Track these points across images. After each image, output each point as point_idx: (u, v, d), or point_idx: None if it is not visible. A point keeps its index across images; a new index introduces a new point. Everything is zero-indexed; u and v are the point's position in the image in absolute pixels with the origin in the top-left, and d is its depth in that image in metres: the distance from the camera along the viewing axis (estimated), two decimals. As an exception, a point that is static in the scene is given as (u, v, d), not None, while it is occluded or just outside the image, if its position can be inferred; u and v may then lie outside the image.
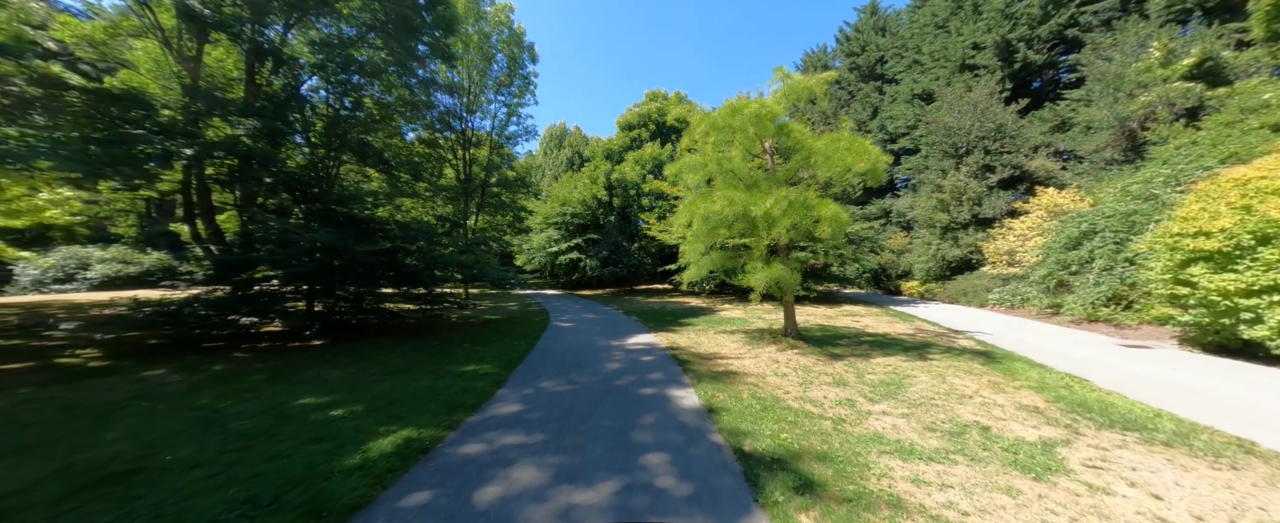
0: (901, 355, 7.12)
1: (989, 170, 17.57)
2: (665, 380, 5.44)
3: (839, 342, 8.35)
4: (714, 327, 10.33)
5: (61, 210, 17.48)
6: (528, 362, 6.68)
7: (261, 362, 6.98)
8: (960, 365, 6.38)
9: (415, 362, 6.87)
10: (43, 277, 22.27)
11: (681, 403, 4.57)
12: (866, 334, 9.25)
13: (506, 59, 22.74)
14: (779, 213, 6.60)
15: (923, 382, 5.51)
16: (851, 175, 6.72)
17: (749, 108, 6.94)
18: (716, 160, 7.97)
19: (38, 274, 21.95)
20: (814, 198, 6.71)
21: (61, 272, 22.71)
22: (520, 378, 5.68)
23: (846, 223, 6.68)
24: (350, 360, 7.05)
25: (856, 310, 13.75)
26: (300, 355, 7.47)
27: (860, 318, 11.92)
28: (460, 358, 7.03)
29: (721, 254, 8.59)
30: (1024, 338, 8.73)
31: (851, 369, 6.19)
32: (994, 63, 20.67)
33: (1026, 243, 14.53)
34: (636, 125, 26.10)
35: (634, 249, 23.20)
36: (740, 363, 6.50)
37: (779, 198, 6.63)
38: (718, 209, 7.05)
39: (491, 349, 7.81)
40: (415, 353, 7.58)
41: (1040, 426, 4.02)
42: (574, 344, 8.14)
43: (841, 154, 6.51)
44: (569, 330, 9.96)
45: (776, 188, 6.93)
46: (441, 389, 5.21)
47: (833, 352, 7.39)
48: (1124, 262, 9.80)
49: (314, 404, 4.75)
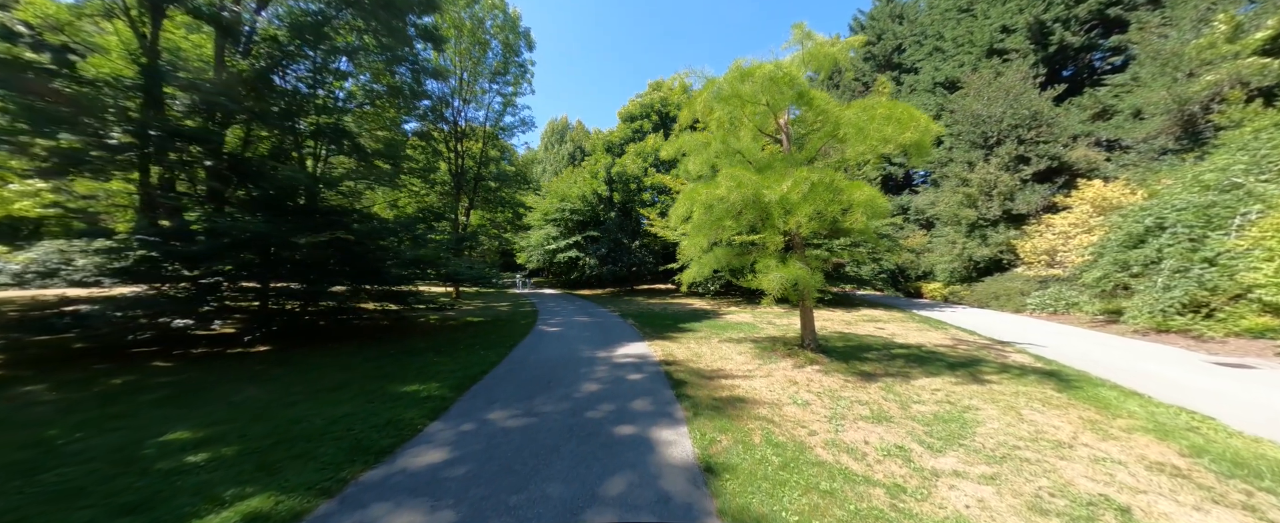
0: (949, 375, 5.79)
1: (1023, 162, 16.03)
2: (652, 413, 4.17)
3: (866, 355, 7.02)
4: (718, 334, 9.04)
5: (32, 202, 16.67)
6: (488, 380, 5.45)
7: (177, 374, 5.85)
8: (1030, 391, 5.04)
9: (356, 376, 5.69)
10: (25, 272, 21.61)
11: (670, 453, 3.30)
12: (897, 345, 7.90)
13: (501, 46, 21.59)
14: (799, 198, 5.29)
15: (992, 418, 4.19)
16: (891, 149, 5.38)
17: (762, 70, 5.64)
18: (722, 138, 6.68)
19: (19, 269, 21.30)
20: (842, 180, 5.40)
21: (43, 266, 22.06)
22: (468, 405, 4.45)
23: (885, 210, 5.36)
24: (281, 373, 5.89)
25: (878, 315, 12.36)
26: (230, 365, 6.34)
27: (884, 324, 10.54)
28: (411, 373, 5.83)
29: (727, 251, 7.30)
30: (1089, 353, 7.32)
31: (891, 395, 4.87)
32: (1025, 46, 19.06)
33: (1069, 241, 13.02)
34: (639, 116, 24.81)
35: (635, 247, 21.93)
36: (749, 385, 5.21)
37: (799, 180, 5.32)
38: (722, 194, 5.76)
39: (455, 360, 6.60)
40: (365, 364, 6.40)
41: (1203, 502, 2.69)
42: (553, 355, 6.90)
43: (878, 125, 5.18)
44: (553, 337, 8.73)
45: (794, 169, 5.62)
46: (360, 420, 4.00)
47: (862, 369, 6.07)
48: (1202, 262, 8.33)
49: (181, 442, 3.57)
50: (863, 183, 5.25)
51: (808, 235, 6.05)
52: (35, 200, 16.95)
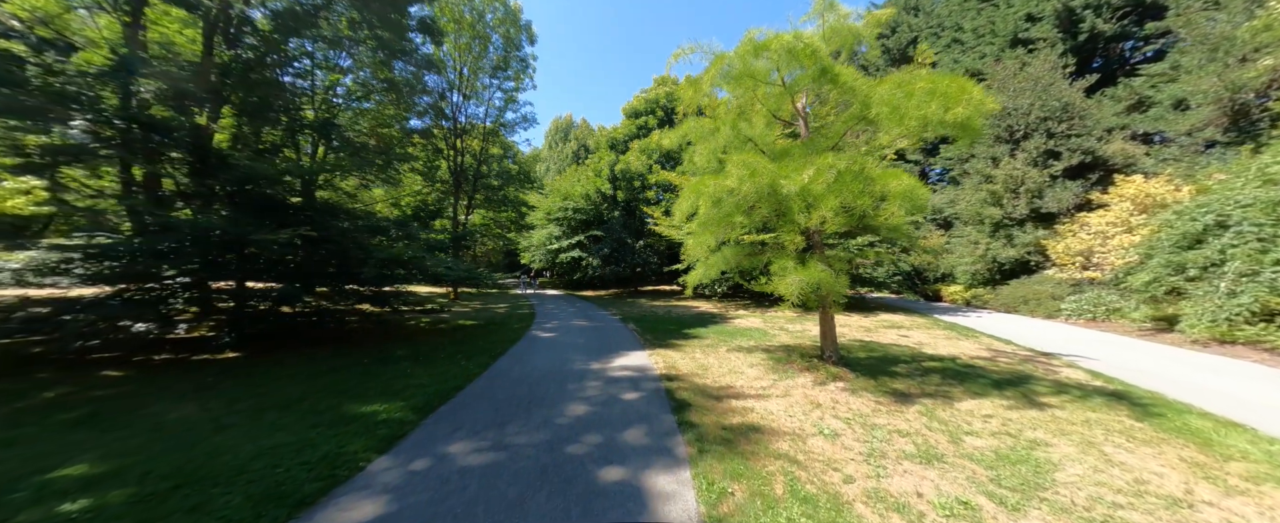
0: (997, 396, 4.96)
1: (1053, 157, 15.01)
2: (648, 448, 3.42)
3: (895, 369, 6.20)
4: (726, 341, 8.26)
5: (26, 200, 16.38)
6: (462, 397, 4.73)
7: (119, 386, 5.23)
8: (1103, 420, 4.20)
9: (315, 390, 5.02)
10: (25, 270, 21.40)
11: (667, 512, 2.55)
12: (927, 357, 7.06)
13: (502, 40, 21.00)
14: (823, 189, 4.51)
15: (1070, 458, 3.38)
16: (930, 133, 4.58)
17: (779, 41, 4.86)
18: (732, 123, 5.92)
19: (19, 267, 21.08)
20: (874, 167, 4.61)
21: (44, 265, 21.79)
22: (428, 432, 3.73)
23: (926, 202, 4.55)
24: (233, 386, 5.24)
25: (898, 320, 11.49)
26: (185, 375, 5.71)
27: (908, 331, 9.68)
28: (377, 387, 5.14)
29: (736, 251, 6.53)
30: (1149, 367, 6.43)
31: (935, 423, 4.07)
32: (1053, 35, 18.00)
33: (1108, 242, 12.04)
34: (644, 112, 24.08)
35: (639, 247, 21.18)
36: (764, 408, 4.44)
37: (822, 167, 4.54)
38: (733, 186, 5.00)
39: (431, 371, 5.91)
40: (330, 375, 5.73)
41: None
42: (541, 367, 6.18)
43: (918, 102, 4.37)
44: (545, 344, 8.02)
45: (817, 156, 4.84)
46: (293, 453, 3.30)
47: (893, 387, 5.27)
48: (1275, 265, 7.38)
49: (71, 480, 2.91)
50: (900, 171, 4.46)
51: (833, 233, 5.25)
52: (28, 198, 16.46)
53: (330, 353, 7.18)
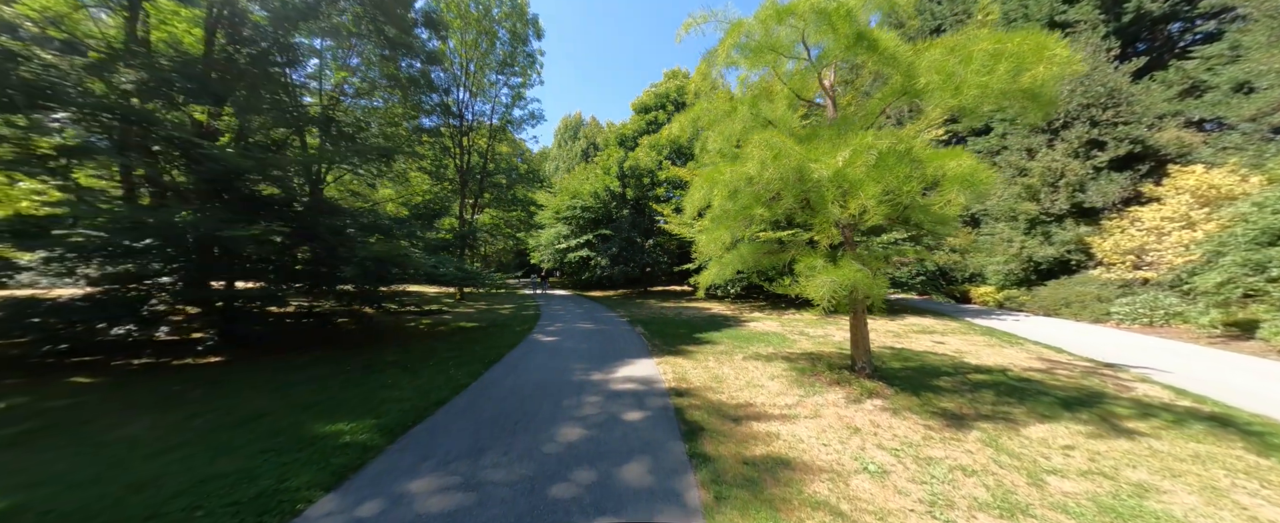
0: (1069, 419, 4.18)
1: (1097, 147, 13.86)
2: (653, 488, 2.77)
3: (938, 382, 5.42)
4: (742, 348, 7.55)
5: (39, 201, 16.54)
6: (442, 415, 4.15)
7: (74, 396, 4.80)
8: (1215, 453, 3.40)
9: (282, 404, 4.50)
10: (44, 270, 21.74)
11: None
12: (972, 367, 6.25)
13: (508, 34, 20.57)
14: (861, 174, 3.80)
15: (1199, 513, 2.61)
16: (989, 106, 3.83)
17: (807, 1, 4.15)
18: (750, 103, 5.23)
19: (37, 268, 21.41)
20: (924, 147, 3.88)
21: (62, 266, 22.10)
22: (390, 462, 3.15)
23: (990, 186, 3.80)
24: (198, 397, 4.77)
25: (928, 324, 10.61)
26: (153, 383, 5.27)
27: (942, 337, 8.83)
28: (352, 401, 4.60)
29: (754, 248, 5.84)
30: (1238, 383, 5.52)
31: (1005, 457, 3.33)
32: (1094, 17, 16.73)
33: (1164, 239, 10.94)
34: (654, 107, 23.40)
35: (648, 246, 20.51)
36: (791, 433, 3.75)
37: (861, 148, 3.83)
38: (753, 172, 4.32)
39: (417, 380, 5.36)
40: (306, 385, 5.22)
41: None
42: (536, 377, 5.58)
43: (978, 67, 3.62)
44: (545, 349, 7.42)
45: (853, 136, 4.13)
46: (226, 489, 2.75)
47: (940, 406, 4.51)
48: (1384, 263, 6.36)
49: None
50: (959, 150, 3.72)
51: (872, 226, 4.53)
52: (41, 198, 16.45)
53: (315, 358, 6.72)
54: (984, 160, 19.40)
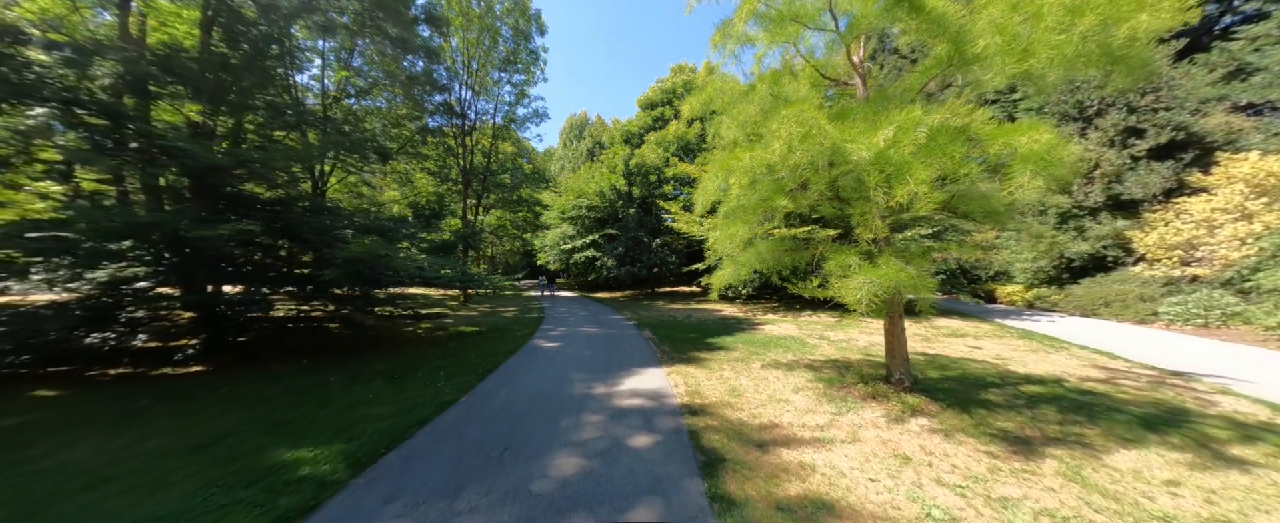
0: (1159, 444, 3.52)
1: (1135, 135, 12.97)
2: (664, 544, 2.21)
3: (986, 395, 4.78)
4: (758, 354, 6.95)
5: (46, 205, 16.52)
6: (420, 439, 3.63)
7: (30, 412, 4.39)
8: (1368, 495, 2.73)
9: (246, 422, 4.03)
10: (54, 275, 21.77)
11: None
12: (1019, 377, 5.58)
13: (511, 31, 20.17)
14: (909, 155, 3.20)
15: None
16: (1060, 71, 3.20)
17: (840, -43, 3.56)
18: (770, 82, 4.65)
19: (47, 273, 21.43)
20: (985, 122, 3.28)
21: (72, 270, 22.15)
22: (349, 506, 2.62)
23: (1070, 164, 3.17)
24: (164, 412, 4.34)
25: (957, 326, 9.90)
26: (121, 397, 4.85)
27: (976, 341, 8.13)
28: (324, 419, 4.10)
29: (773, 245, 5.24)
30: (1342, 395, 4.78)
31: (1097, 496, 2.70)
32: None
33: (1216, 232, 10.09)
34: (660, 103, 22.82)
35: (656, 246, 19.94)
36: (829, 463, 3.15)
37: (907, 124, 3.23)
38: (775, 158, 3.74)
39: (401, 394, 4.86)
40: (280, 398, 4.76)
41: None
42: (533, 390, 5.04)
43: (1051, 24, 2.99)
44: (546, 357, 6.90)
45: (896, 111, 3.52)
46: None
47: (998, 425, 3.88)
48: None
49: None
50: (1033, 122, 3.11)
51: (920, 215, 3.93)
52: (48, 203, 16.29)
53: (301, 368, 6.28)
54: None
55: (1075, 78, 3.28)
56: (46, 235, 5.62)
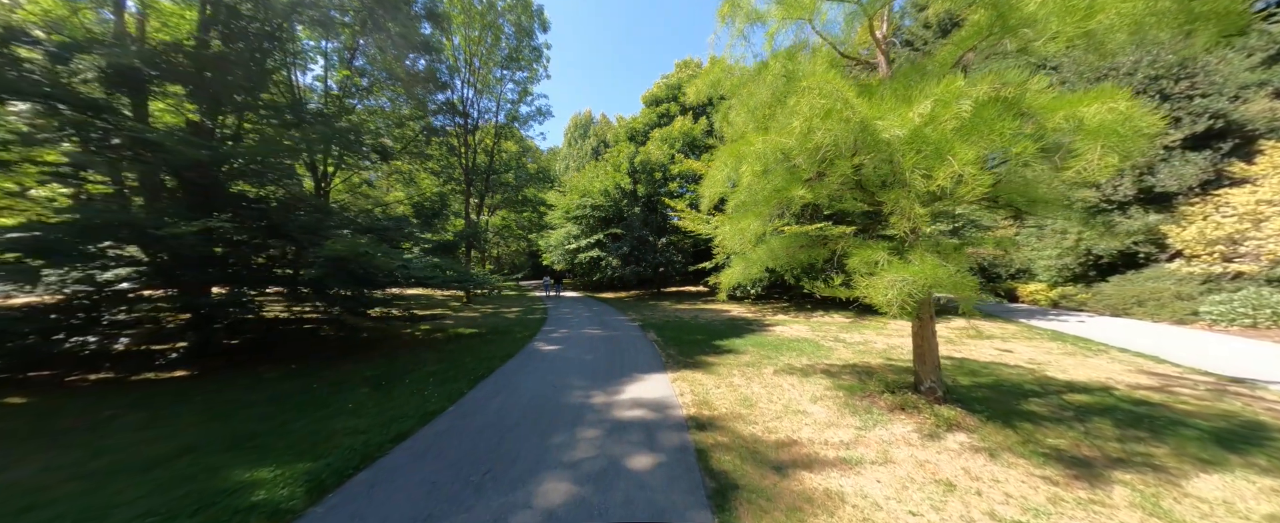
0: (1241, 465, 3.03)
1: (1170, 123, 12.25)
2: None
3: (1027, 405, 4.29)
4: (770, 358, 6.50)
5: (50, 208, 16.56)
6: (396, 457, 3.26)
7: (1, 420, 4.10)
8: None
9: (208, 437, 3.70)
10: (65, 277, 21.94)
11: None
12: (1060, 385, 5.07)
13: (514, 28, 19.87)
14: (948, 131, 2.76)
15: None
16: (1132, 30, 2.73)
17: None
18: (785, 56, 4.22)
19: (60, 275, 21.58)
20: (1042, 91, 2.83)
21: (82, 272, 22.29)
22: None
23: (1151, 136, 2.71)
24: (130, 422, 4.04)
25: (982, 327, 9.34)
26: (96, 403, 4.57)
27: (1005, 343, 7.60)
28: (295, 432, 3.76)
29: (786, 241, 4.80)
30: None
31: (1195, 540, 2.23)
32: (1156, -18, 14.98)
33: (1262, 225, 9.40)
34: (665, 99, 22.39)
35: (661, 245, 19.51)
36: (860, 491, 2.72)
37: (946, 97, 2.79)
38: (794, 139, 3.32)
39: (384, 404, 4.50)
40: (255, 408, 4.43)
41: None
42: (526, 399, 4.65)
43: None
44: (545, 361, 6.52)
45: (934, 83, 3.07)
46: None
47: (1047, 441, 3.41)
48: None
49: None
50: (1107, 87, 2.64)
51: (969, 200, 3.49)
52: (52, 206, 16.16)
53: (287, 373, 5.97)
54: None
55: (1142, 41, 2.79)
56: (25, 236, 5.38)
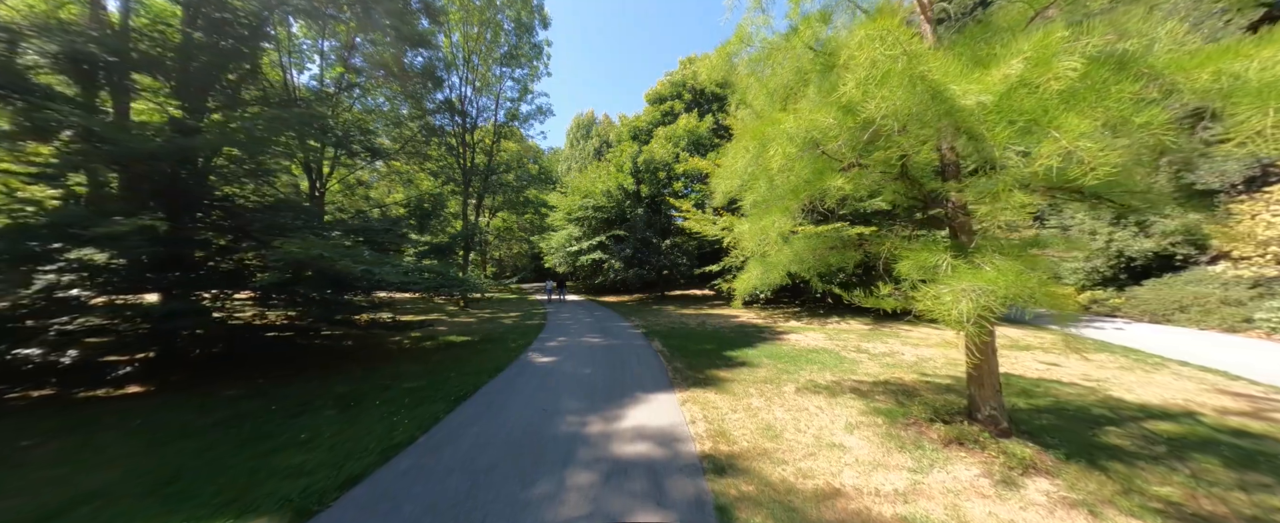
0: None
1: (1208, 115, 11.47)
2: None
3: (1105, 437, 3.59)
4: (790, 372, 5.80)
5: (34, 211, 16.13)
6: (336, 513, 2.61)
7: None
8: None
9: (136, 476, 3.06)
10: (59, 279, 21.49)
11: None
12: (1133, 408, 4.36)
13: (513, 24, 19.33)
14: (1050, 97, 2.10)
15: None
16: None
17: None
18: (818, 18, 3.57)
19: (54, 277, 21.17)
20: (1173, 48, 2.19)
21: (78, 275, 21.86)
22: None
23: None
24: (49, 455, 3.41)
25: (1015, 335, 8.66)
26: (23, 427, 3.94)
27: (1048, 356, 6.88)
28: (233, 473, 3.11)
29: (812, 242, 4.14)
30: None
31: None
32: (1186, -31, 14.22)
33: (1322, 224, 8.62)
34: (669, 96, 21.78)
35: (665, 247, 18.85)
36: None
37: (1041, 55, 2.13)
38: (832, 116, 2.66)
39: (350, 430, 3.86)
40: (196, 438, 3.79)
41: None
42: (510, 430, 3.98)
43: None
44: (537, 377, 5.85)
45: (1020, 38, 2.41)
46: None
47: (1152, 489, 2.72)
48: None
49: None
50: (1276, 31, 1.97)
51: (1088, 187, 2.84)
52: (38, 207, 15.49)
53: (250, 390, 5.34)
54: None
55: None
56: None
